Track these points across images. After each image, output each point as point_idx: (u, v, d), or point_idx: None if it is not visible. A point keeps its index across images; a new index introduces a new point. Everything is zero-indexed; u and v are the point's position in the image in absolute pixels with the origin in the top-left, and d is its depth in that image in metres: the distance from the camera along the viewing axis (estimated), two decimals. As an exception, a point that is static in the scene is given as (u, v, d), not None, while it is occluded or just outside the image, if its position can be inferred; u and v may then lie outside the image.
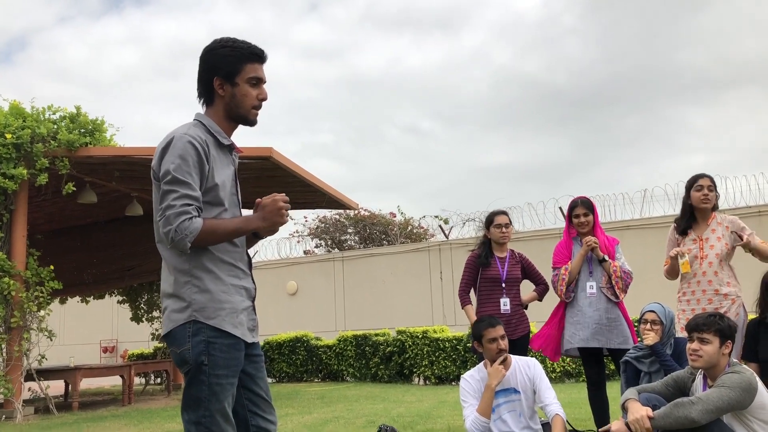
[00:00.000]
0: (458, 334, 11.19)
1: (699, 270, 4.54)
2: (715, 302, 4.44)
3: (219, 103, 2.44)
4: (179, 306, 2.31)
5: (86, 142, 8.49)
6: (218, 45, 2.43)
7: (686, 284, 4.61)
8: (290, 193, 10.31)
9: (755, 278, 4.56)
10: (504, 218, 5.33)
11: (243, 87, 2.42)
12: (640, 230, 12.83)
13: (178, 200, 2.23)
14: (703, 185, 4.63)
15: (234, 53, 2.41)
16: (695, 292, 4.54)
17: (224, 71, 2.40)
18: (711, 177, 4.70)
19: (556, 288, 4.99)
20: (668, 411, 3.19)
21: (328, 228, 22.54)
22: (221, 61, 2.40)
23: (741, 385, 3.20)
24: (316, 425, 6.72)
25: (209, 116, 2.45)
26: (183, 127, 2.38)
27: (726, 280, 4.50)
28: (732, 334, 3.40)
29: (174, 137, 2.32)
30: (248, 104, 2.44)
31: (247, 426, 2.51)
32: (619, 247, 5.06)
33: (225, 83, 2.41)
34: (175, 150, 2.28)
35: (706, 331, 3.35)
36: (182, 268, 2.32)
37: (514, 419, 4.33)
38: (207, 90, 2.44)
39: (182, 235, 2.20)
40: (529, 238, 14.16)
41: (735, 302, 4.44)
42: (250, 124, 2.48)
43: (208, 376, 2.29)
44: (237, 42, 2.44)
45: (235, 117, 2.46)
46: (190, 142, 2.28)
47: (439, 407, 7.70)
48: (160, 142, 2.36)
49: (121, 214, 10.52)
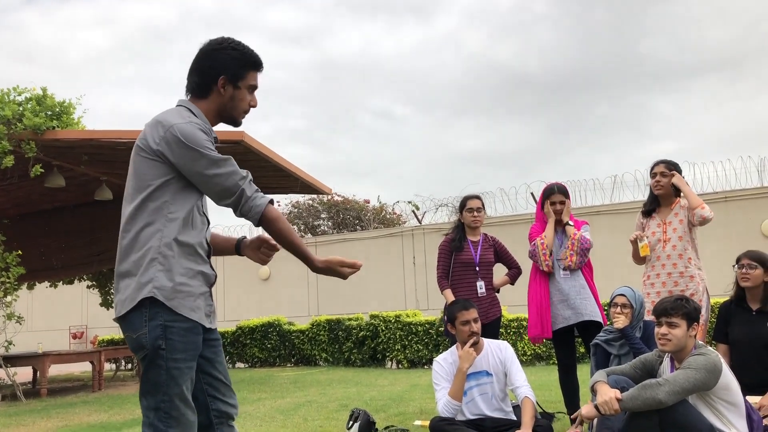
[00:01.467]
0: (431, 318, 11.26)
1: (663, 253, 4.62)
2: (680, 284, 4.52)
3: (215, 99, 2.48)
4: (138, 284, 2.29)
5: (53, 126, 8.31)
6: (228, 45, 2.48)
7: (650, 267, 4.70)
8: (262, 178, 10.31)
9: (720, 261, 4.64)
10: (476, 202, 5.34)
11: (242, 92, 2.49)
12: (611, 215, 12.99)
13: (230, 179, 2.34)
14: (656, 172, 4.72)
15: (243, 58, 2.48)
16: (660, 275, 4.62)
17: (230, 72, 2.46)
18: (667, 163, 4.74)
19: (537, 258, 4.99)
20: (636, 393, 3.25)
21: (302, 213, 22.46)
22: (230, 62, 2.46)
23: (706, 366, 3.26)
24: (288, 409, 6.72)
25: (198, 107, 2.47)
26: (179, 112, 2.40)
27: (690, 263, 4.57)
28: (697, 316, 3.46)
29: (182, 126, 2.32)
30: (242, 108, 2.53)
31: (207, 410, 2.49)
32: (586, 227, 5.10)
33: (228, 84, 2.47)
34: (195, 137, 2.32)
35: (674, 315, 3.41)
36: (151, 246, 2.30)
37: (485, 402, 4.37)
38: (206, 84, 2.47)
39: (250, 207, 2.35)
40: (502, 223, 14.25)
41: (699, 284, 4.53)
42: (236, 125, 2.58)
43: (165, 360, 2.28)
44: (244, 47, 2.51)
45: (225, 116, 2.53)
46: (200, 129, 2.35)
47: (411, 390, 7.75)
48: (161, 127, 2.34)
49: (90, 198, 10.35)
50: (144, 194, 2.33)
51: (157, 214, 2.32)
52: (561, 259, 4.95)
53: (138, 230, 2.32)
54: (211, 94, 2.48)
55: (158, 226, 2.32)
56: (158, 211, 2.33)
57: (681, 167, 4.79)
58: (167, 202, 2.33)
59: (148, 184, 2.33)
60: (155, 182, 2.33)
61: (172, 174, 2.34)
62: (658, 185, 4.72)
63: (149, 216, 2.32)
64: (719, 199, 12.79)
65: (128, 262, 2.33)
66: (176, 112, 2.41)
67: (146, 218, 2.32)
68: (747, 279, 4.12)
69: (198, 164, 2.31)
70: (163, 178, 2.33)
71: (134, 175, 2.37)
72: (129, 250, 2.34)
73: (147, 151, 2.34)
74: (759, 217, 12.42)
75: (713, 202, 12.81)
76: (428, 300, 14.96)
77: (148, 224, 2.32)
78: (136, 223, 2.33)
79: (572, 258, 4.88)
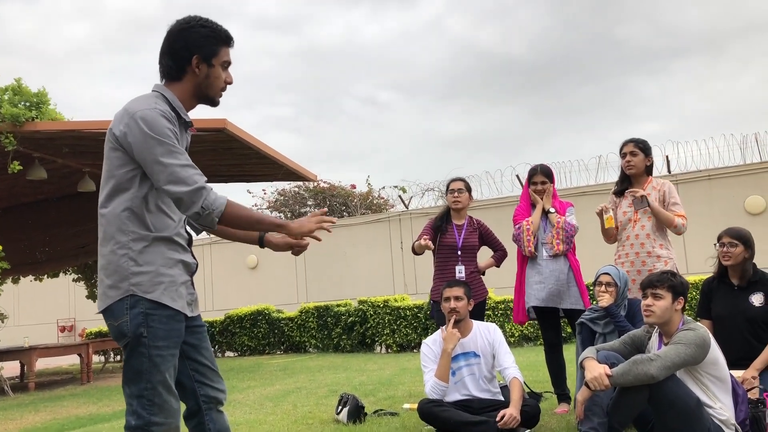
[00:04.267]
0: (419, 302, 11.28)
1: (632, 233, 4.64)
2: (648, 264, 4.54)
3: (190, 80, 2.43)
4: (115, 279, 2.27)
5: (32, 116, 8.20)
6: (197, 24, 2.43)
7: (621, 247, 4.72)
8: (246, 165, 10.26)
9: (705, 238, 4.66)
10: (457, 184, 5.32)
11: (217, 69, 2.44)
12: (596, 196, 13.01)
13: (185, 170, 2.23)
14: (626, 152, 4.72)
15: (213, 34, 2.43)
16: (629, 254, 4.64)
17: (204, 51, 2.41)
18: (637, 142, 4.72)
19: (521, 242, 4.99)
20: (627, 368, 3.26)
21: (288, 201, 22.39)
22: (202, 40, 2.41)
23: (696, 341, 3.28)
24: (278, 396, 6.72)
25: (173, 91, 2.42)
26: (146, 99, 2.34)
27: (659, 242, 4.59)
28: (684, 291, 3.48)
29: (145, 111, 2.26)
30: (218, 86, 2.47)
31: (196, 396, 2.49)
32: (572, 209, 5.10)
33: (202, 63, 2.41)
34: (156, 124, 2.24)
35: (659, 286, 3.44)
36: (120, 240, 2.28)
37: (473, 382, 4.39)
38: (179, 66, 2.41)
39: (209, 211, 2.24)
40: (487, 206, 14.27)
41: (668, 263, 4.54)
42: (214, 105, 2.52)
43: (147, 347, 2.26)
44: (213, 23, 2.46)
45: (202, 97, 2.48)
46: (163, 116, 2.27)
47: (400, 374, 7.77)
48: (126, 114, 2.29)
49: (73, 190, 10.26)
50: (116, 184, 2.30)
51: (126, 203, 2.29)
52: (546, 242, 4.95)
53: (111, 221, 2.30)
54: (185, 75, 2.42)
55: (132, 217, 2.29)
56: (127, 200, 2.29)
57: (650, 146, 4.78)
58: (135, 191, 2.30)
59: (119, 173, 2.30)
60: (120, 171, 2.29)
61: (137, 163, 2.29)
62: (629, 165, 4.71)
63: (122, 206, 2.29)
64: (703, 177, 12.87)
65: (104, 255, 2.31)
66: (144, 98, 2.35)
67: (119, 209, 2.29)
68: (728, 257, 4.15)
69: (155, 151, 2.23)
70: (128, 167, 2.29)
71: (106, 166, 2.34)
72: (104, 243, 2.32)
73: (114, 141, 2.31)
74: (742, 194, 12.51)
75: (697, 180, 12.91)
76: (416, 284, 15.00)
77: (121, 215, 2.29)
78: (108, 214, 2.31)
79: (559, 246, 4.89)
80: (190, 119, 2.46)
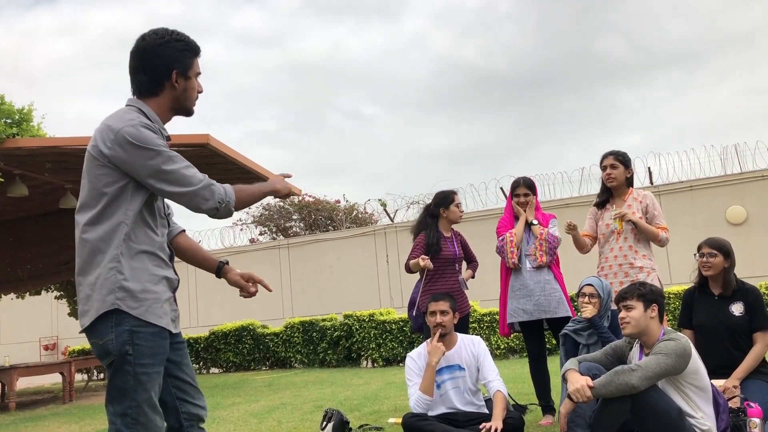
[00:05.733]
0: (404, 316, 11.24)
1: (616, 245, 4.68)
2: (631, 275, 4.58)
3: (168, 95, 2.45)
4: (101, 294, 2.25)
5: (13, 134, 8.15)
6: (171, 38, 2.44)
7: (604, 258, 4.76)
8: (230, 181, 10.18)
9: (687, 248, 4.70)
10: (459, 197, 5.37)
11: (193, 81, 2.48)
12: (579, 208, 13.09)
13: (190, 170, 2.31)
14: (606, 165, 4.75)
15: (187, 48, 2.46)
16: (612, 266, 4.68)
17: (181, 65, 2.44)
18: (617, 154, 4.74)
19: (504, 254, 5.01)
20: (609, 379, 3.28)
21: (273, 215, 22.32)
22: (179, 55, 2.44)
23: (677, 351, 3.31)
24: (262, 413, 6.67)
25: (149, 105, 2.42)
26: (127, 114, 2.34)
27: (642, 253, 4.63)
28: (655, 297, 3.52)
29: (131, 126, 2.27)
30: (194, 98, 2.51)
31: (177, 414, 2.47)
32: (554, 221, 5.13)
33: (180, 77, 2.44)
34: (145, 135, 2.27)
35: (628, 298, 3.51)
36: (111, 255, 2.26)
37: (458, 396, 4.38)
38: (157, 81, 2.42)
39: (226, 202, 2.33)
40: (471, 218, 14.31)
41: (650, 274, 4.58)
42: (189, 115, 2.56)
43: (133, 365, 2.24)
44: (185, 36, 2.50)
45: (180, 109, 2.50)
46: (149, 128, 2.30)
47: (386, 389, 7.74)
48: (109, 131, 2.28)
49: (55, 207, 10.16)
50: (104, 200, 2.28)
51: (119, 219, 2.28)
52: (529, 254, 4.97)
53: (100, 237, 2.28)
54: (163, 90, 2.43)
55: (121, 231, 2.27)
56: (119, 215, 2.28)
57: (630, 158, 4.81)
58: (126, 205, 2.29)
59: (103, 191, 2.28)
60: (110, 189, 2.28)
61: (126, 179, 2.29)
62: (610, 177, 4.74)
63: (110, 221, 2.28)
64: (685, 188, 12.99)
65: (88, 272, 2.29)
66: (125, 113, 2.35)
67: (108, 224, 2.28)
68: (708, 267, 4.18)
69: (154, 162, 2.25)
70: (117, 184, 2.28)
71: (88, 183, 2.32)
72: (88, 260, 2.29)
73: (99, 158, 2.29)
74: (723, 204, 12.64)
75: (679, 191, 13.03)
76: (402, 298, 14.97)
77: (110, 230, 2.27)
78: (96, 230, 2.28)
79: (542, 258, 4.91)
80: (167, 133, 2.46)
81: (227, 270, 2.75)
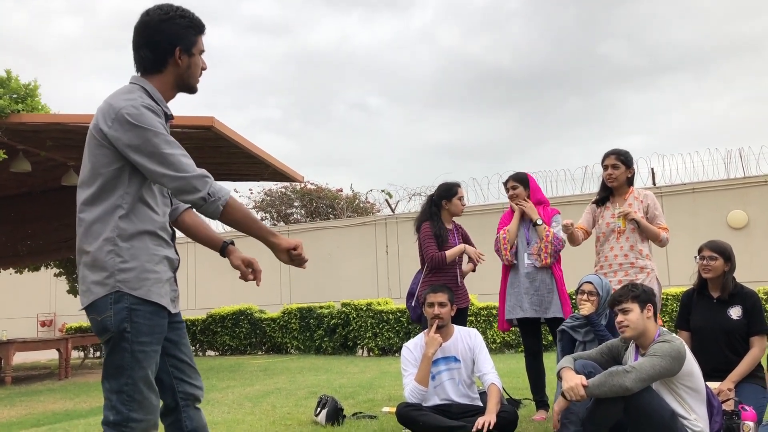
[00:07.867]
0: (402, 306, 11.27)
1: (616, 244, 4.67)
2: (630, 274, 4.58)
3: (172, 72, 2.42)
4: (101, 276, 2.25)
5: (17, 109, 8.13)
6: (176, 15, 2.41)
7: (603, 257, 4.75)
8: (232, 164, 10.22)
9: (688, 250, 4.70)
10: (462, 190, 5.35)
11: (196, 58, 2.46)
12: (581, 205, 13.05)
13: (187, 158, 2.25)
14: (608, 164, 4.73)
15: (191, 25, 2.44)
16: (612, 265, 4.67)
17: (185, 42, 2.41)
18: (618, 154, 4.71)
19: (500, 252, 5.03)
20: (603, 380, 3.28)
21: (274, 201, 22.32)
22: (183, 31, 2.41)
23: (671, 353, 3.31)
24: (257, 397, 6.69)
25: (153, 83, 2.40)
26: (129, 92, 2.32)
27: (644, 253, 4.62)
28: (649, 297, 3.53)
29: (132, 106, 2.24)
30: (197, 75, 2.49)
31: (173, 393, 2.47)
32: (558, 218, 5.12)
33: (183, 54, 2.41)
34: (146, 116, 2.24)
35: (624, 301, 3.49)
36: (106, 236, 2.25)
37: (453, 387, 4.39)
38: (160, 58, 2.40)
39: (215, 198, 2.24)
40: (472, 212, 14.30)
41: (649, 275, 4.58)
42: (192, 92, 2.53)
43: (131, 343, 2.24)
44: (190, 12, 2.46)
45: (184, 86, 2.48)
46: (150, 109, 2.27)
47: (381, 378, 7.76)
48: (111, 110, 2.26)
49: (57, 183, 10.17)
50: (100, 180, 2.27)
51: (115, 200, 2.27)
52: (532, 254, 4.96)
53: (95, 218, 2.27)
54: (167, 67, 2.41)
55: (116, 213, 2.26)
56: (115, 196, 2.27)
57: (632, 157, 4.79)
58: (124, 187, 2.28)
59: (103, 170, 2.27)
60: (107, 170, 2.27)
61: (123, 161, 2.27)
62: (611, 177, 4.72)
63: (106, 202, 2.27)
64: (687, 190, 12.98)
65: (87, 251, 2.28)
66: (128, 92, 2.33)
67: (103, 205, 2.27)
68: (708, 270, 4.18)
69: (152, 143, 2.22)
70: (114, 165, 2.27)
71: (89, 161, 2.31)
72: (88, 239, 2.28)
73: (99, 137, 2.28)
74: (725, 208, 12.63)
75: (682, 193, 13.01)
76: (400, 288, 14.99)
77: (105, 211, 2.26)
78: (92, 211, 2.28)
79: (546, 260, 4.91)
80: (171, 112, 2.44)
81: (231, 251, 2.74)
